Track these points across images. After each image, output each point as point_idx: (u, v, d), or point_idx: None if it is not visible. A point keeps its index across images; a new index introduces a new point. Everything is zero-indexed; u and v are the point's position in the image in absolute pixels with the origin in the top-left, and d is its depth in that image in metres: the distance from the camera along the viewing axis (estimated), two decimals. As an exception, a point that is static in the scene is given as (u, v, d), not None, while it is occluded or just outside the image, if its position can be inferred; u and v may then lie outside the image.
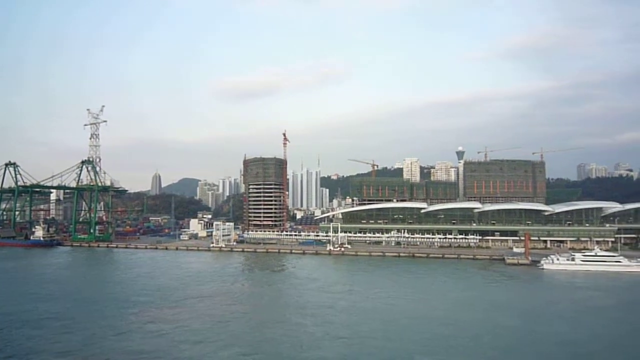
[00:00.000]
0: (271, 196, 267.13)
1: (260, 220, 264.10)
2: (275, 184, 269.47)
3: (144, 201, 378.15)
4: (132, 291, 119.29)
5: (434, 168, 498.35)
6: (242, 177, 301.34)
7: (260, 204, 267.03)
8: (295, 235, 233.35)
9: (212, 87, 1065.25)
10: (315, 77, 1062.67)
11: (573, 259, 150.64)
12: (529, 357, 71.11)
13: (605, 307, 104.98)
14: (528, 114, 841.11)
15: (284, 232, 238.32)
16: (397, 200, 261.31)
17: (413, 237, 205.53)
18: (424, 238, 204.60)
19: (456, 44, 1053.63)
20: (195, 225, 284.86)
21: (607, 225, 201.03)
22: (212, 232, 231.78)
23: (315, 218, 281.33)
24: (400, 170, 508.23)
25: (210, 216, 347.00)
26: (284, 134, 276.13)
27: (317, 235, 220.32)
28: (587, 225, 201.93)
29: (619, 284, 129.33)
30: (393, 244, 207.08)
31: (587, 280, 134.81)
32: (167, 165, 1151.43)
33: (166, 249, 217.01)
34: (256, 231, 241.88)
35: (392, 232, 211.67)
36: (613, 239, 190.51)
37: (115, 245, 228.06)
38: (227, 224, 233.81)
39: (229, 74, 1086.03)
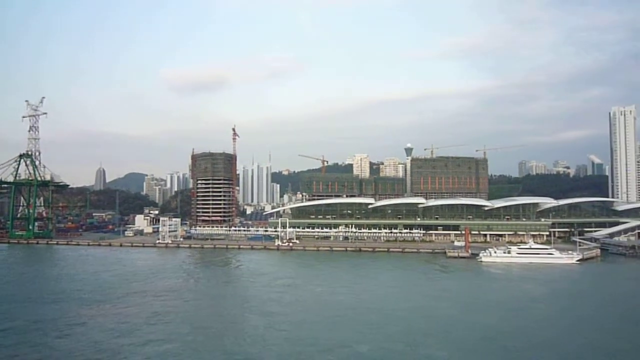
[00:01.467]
0: (220, 191, 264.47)
1: (208, 216, 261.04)
2: (224, 179, 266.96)
3: (87, 196, 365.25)
4: (73, 289, 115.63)
5: (383, 164, 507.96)
6: (190, 172, 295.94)
7: (208, 200, 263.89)
8: (244, 230, 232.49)
9: (160, 80, 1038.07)
10: (267, 71, 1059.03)
11: (509, 252, 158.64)
12: (460, 342, 74.70)
13: (536, 297, 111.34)
14: (474, 113, 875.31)
15: (233, 228, 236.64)
16: (347, 196, 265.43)
17: (360, 232, 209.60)
18: (370, 233, 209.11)
19: (406, 43, 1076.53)
20: (140, 221, 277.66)
21: (543, 219, 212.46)
22: (158, 228, 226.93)
23: (265, 213, 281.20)
24: (351, 166, 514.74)
25: (157, 212, 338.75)
26: (234, 129, 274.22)
27: (266, 231, 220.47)
28: (523, 219, 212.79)
29: (551, 275, 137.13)
30: (341, 239, 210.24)
31: (521, 272, 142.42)
32: (113, 160, 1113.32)
33: (110, 245, 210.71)
34: (204, 227, 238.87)
35: (340, 227, 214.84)
36: (547, 233, 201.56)
37: (55, 242, 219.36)
38: (174, 219, 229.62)
39: (177, 66, 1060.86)
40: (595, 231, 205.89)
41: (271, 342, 75.28)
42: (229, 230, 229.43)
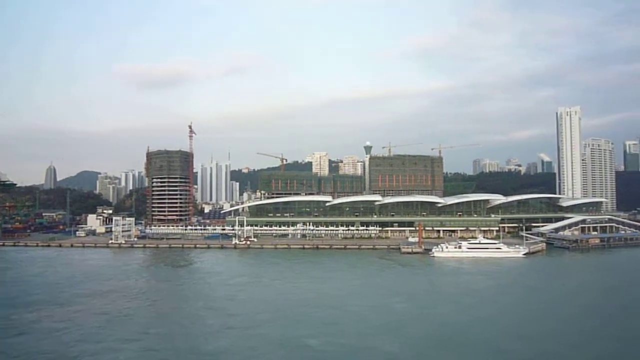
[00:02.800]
0: (176, 190, 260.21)
1: (164, 215, 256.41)
2: (180, 178, 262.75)
3: (36, 196, 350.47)
4: (20, 291, 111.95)
5: (342, 162, 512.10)
6: (145, 170, 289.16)
7: (164, 198, 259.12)
8: (201, 229, 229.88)
9: (116, 75, 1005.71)
10: (227, 67, 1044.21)
11: (460, 247, 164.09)
12: (410, 335, 77.25)
13: (483, 289, 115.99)
14: (432, 112, 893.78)
15: (189, 227, 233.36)
16: (306, 194, 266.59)
17: (318, 230, 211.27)
18: (328, 230, 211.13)
19: (368, 42, 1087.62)
20: (93, 221, 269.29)
21: (492, 215, 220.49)
22: (111, 228, 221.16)
23: (223, 212, 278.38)
24: (311, 164, 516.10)
25: (110, 211, 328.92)
26: (190, 126, 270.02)
27: (224, 230, 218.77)
28: (475, 215, 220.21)
29: (498, 268, 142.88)
30: (299, 237, 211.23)
31: (471, 266, 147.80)
32: (65, 158, 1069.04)
33: (60, 246, 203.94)
34: (160, 226, 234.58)
35: (298, 225, 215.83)
36: (497, 228, 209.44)
37: (2, 244, 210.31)
38: (128, 219, 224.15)
39: (133, 61, 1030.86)
40: (542, 226, 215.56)
41: (225, 339, 75.81)
42: (185, 230, 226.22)
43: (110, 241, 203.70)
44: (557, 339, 74.62)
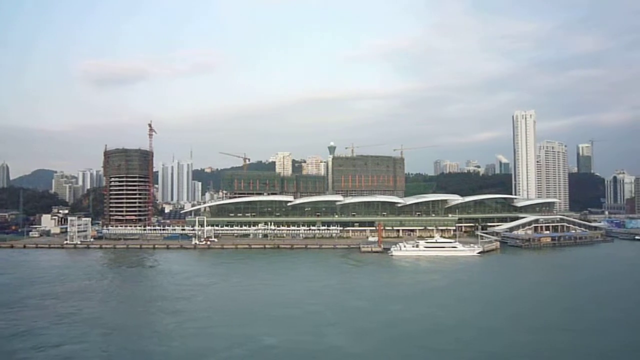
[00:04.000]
0: (135, 190, 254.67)
1: (122, 215, 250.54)
2: (139, 177, 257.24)
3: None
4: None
5: (306, 162, 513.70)
6: (103, 169, 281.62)
7: (122, 198, 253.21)
8: (161, 229, 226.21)
9: (75, 72, 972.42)
10: (191, 65, 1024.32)
11: (417, 246, 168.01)
12: (364, 331, 79.04)
13: (436, 287, 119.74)
14: (397, 113, 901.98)
15: (149, 227, 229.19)
16: (268, 194, 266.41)
17: (279, 230, 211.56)
18: (289, 230, 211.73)
19: (334, 43, 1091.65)
20: (47, 221, 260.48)
21: (450, 215, 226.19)
22: (66, 228, 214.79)
23: (183, 212, 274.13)
24: (274, 164, 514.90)
25: (66, 211, 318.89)
26: (150, 125, 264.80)
27: (184, 230, 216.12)
28: (433, 215, 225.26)
29: (453, 267, 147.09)
30: (260, 237, 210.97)
31: (428, 264, 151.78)
32: (18, 156, 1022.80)
33: (12, 247, 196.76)
34: (117, 226, 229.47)
35: (260, 225, 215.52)
36: (454, 228, 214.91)
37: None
38: (84, 219, 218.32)
39: (93, 57, 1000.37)
40: (497, 226, 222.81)
41: (181, 339, 75.56)
42: (144, 230, 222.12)
43: (65, 242, 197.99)
44: (497, 336, 78.06)
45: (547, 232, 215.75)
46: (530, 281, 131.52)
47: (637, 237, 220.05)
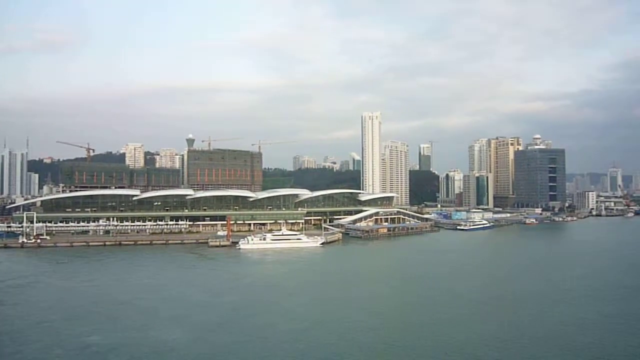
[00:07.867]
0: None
1: None
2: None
3: None
4: None
5: (159, 155, 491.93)
6: None
7: None
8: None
9: None
10: (33, 42, 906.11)
11: (265, 239, 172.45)
12: (199, 323, 79.63)
13: (276, 275, 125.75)
14: (259, 107, 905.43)
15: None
16: (115, 187, 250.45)
17: (123, 225, 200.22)
18: (134, 225, 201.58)
19: (197, 32, 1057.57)
20: None
21: (300, 209, 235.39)
22: None
23: (9, 207, 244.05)
24: (125, 155, 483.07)
25: None
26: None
27: (10, 227, 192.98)
28: (283, 209, 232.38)
29: (297, 257, 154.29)
30: (101, 233, 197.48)
31: (274, 256, 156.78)
32: None
33: None
34: None
35: (101, 221, 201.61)
36: (302, 221, 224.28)
37: None
38: None
39: None
40: (342, 218, 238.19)
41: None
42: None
43: None
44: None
45: (386, 223, 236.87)
46: (353, 264, 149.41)
47: (458, 227, 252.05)
